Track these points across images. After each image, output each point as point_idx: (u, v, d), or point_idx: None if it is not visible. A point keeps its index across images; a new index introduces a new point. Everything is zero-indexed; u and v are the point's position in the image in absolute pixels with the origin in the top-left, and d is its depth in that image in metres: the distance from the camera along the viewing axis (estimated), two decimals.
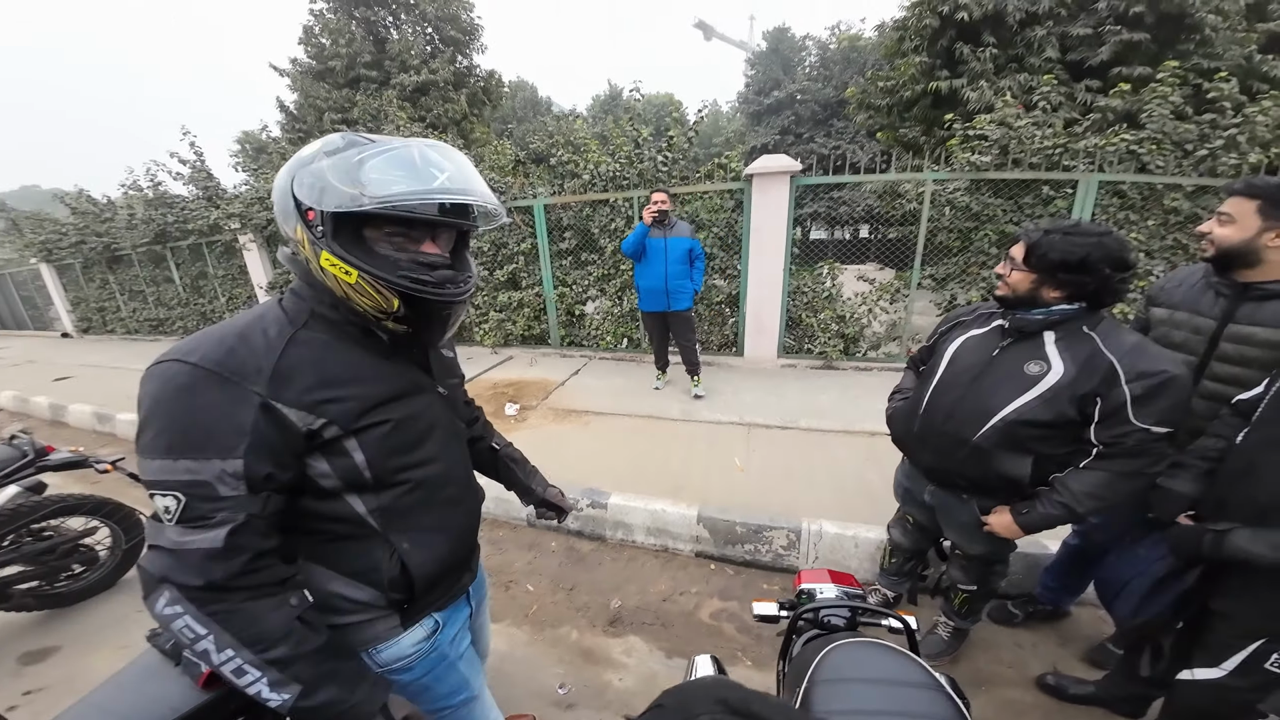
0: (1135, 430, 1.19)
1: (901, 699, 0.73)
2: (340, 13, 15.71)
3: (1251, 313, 1.27)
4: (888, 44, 10.64)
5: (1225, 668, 1.17)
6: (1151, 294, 1.52)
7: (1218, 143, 3.91)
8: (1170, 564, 1.25)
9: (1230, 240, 1.25)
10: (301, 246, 0.70)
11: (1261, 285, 1.25)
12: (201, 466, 0.61)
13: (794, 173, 4.38)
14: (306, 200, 0.66)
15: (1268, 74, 7.26)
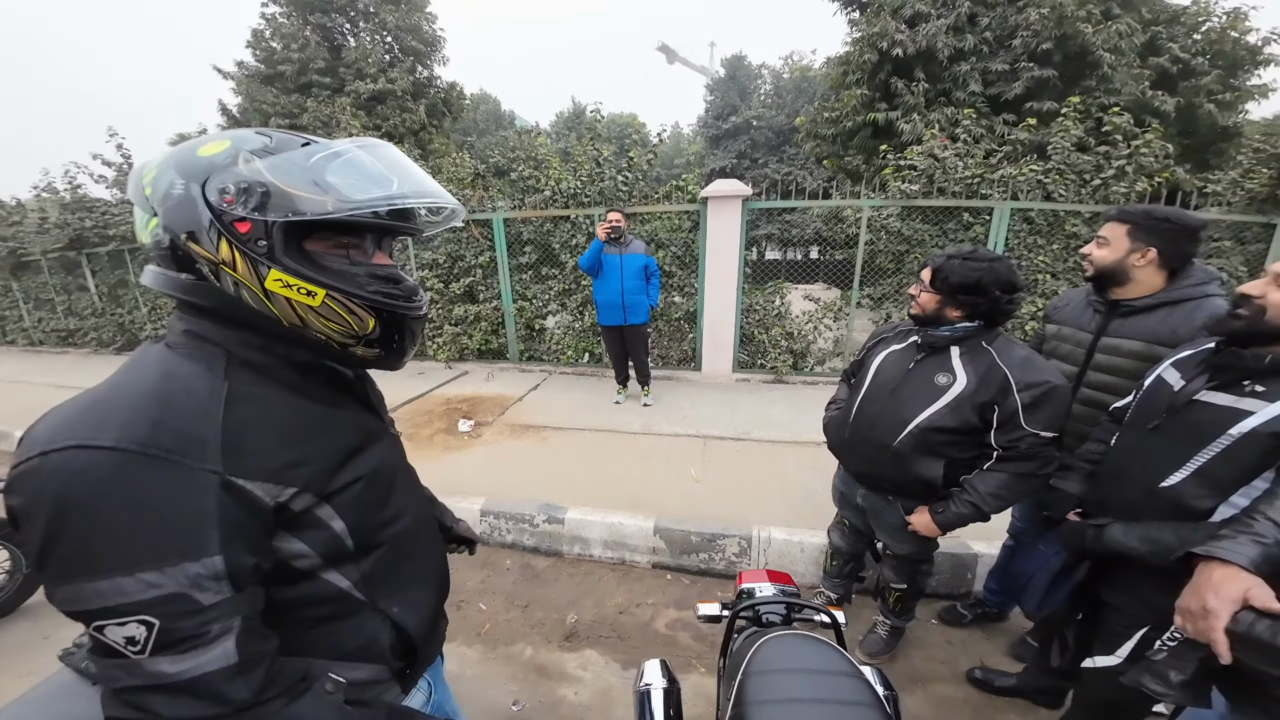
0: (1027, 435, 1.35)
1: (825, 686, 0.80)
2: (294, 18, 15.21)
3: (1119, 326, 1.46)
4: (833, 76, 11.42)
5: (1120, 655, 1.24)
6: (1048, 312, 1.73)
7: (1110, 172, 4.47)
8: (1065, 559, 1.37)
9: (1106, 261, 1.44)
10: (223, 268, 0.55)
11: (1129, 302, 1.44)
12: (166, 577, 0.47)
13: (745, 197, 4.62)
14: (238, 208, 0.54)
15: (1158, 108, 8.30)
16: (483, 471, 3.18)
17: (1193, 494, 1.08)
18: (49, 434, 0.48)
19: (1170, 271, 1.40)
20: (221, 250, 0.55)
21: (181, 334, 0.59)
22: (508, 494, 2.82)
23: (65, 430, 0.48)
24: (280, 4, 15.41)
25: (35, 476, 0.47)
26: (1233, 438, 1.02)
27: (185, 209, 0.54)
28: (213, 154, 0.56)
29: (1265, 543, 0.82)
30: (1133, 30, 8.20)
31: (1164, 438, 1.14)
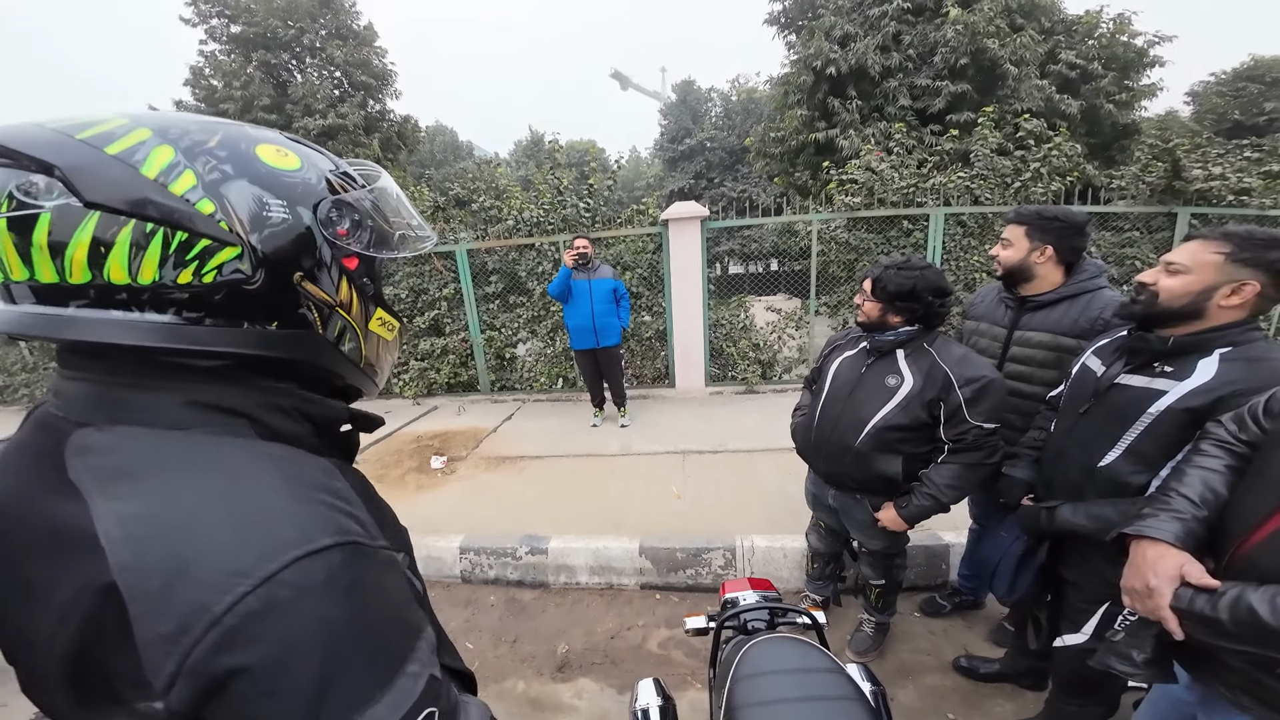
0: (972, 427, 1.46)
1: (809, 684, 0.84)
2: (235, 55, 14.91)
3: (1029, 320, 1.61)
4: (776, 97, 12.09)
5: (1085, 632, 1.30)
6: (965, 309, 1.87)
7: (1027, 175, 4.88)
8: (1027, 543, 1.45)
9: (1011, 260, 1.59)
10: (338, 311, 0.48)
11: (1035, 297, 1.59)
12: (419, 664, 0.40)
13: (703, 218, 4.80)
14: (352, 243, 0.47)
15: (1064, 111, 9.14)
16: (459, 508, 3.10)
17: (1127, 471, 1.18)
18: (232, 563, 0.34)
19: (1067, 266, 1.56)
20: (341, 291, 0.47)
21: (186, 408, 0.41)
22: (487, 528, 2.75)
23: (259, 548, 0.35)
24: (221, 41, 15.11)
25: (277, 611, 0.34)
26: (1152, 416, 1.12)
27: (299, 240, 0.43)
28: (294, 169, 0.45)
29: (1184, 518, 0.89)
30: (1036, 41, 9.09)
31: (1095, 421, 1.25)
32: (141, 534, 0.35)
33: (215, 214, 0.39)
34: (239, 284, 0.41)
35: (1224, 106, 16.45)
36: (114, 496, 0.36)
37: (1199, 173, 4.89)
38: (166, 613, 0.33)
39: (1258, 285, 1.02)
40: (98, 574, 0.34)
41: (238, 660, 0.32)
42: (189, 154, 0.39)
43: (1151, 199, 5.03)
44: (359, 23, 16.28)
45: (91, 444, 0.39)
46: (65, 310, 0.38)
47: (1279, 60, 16.37)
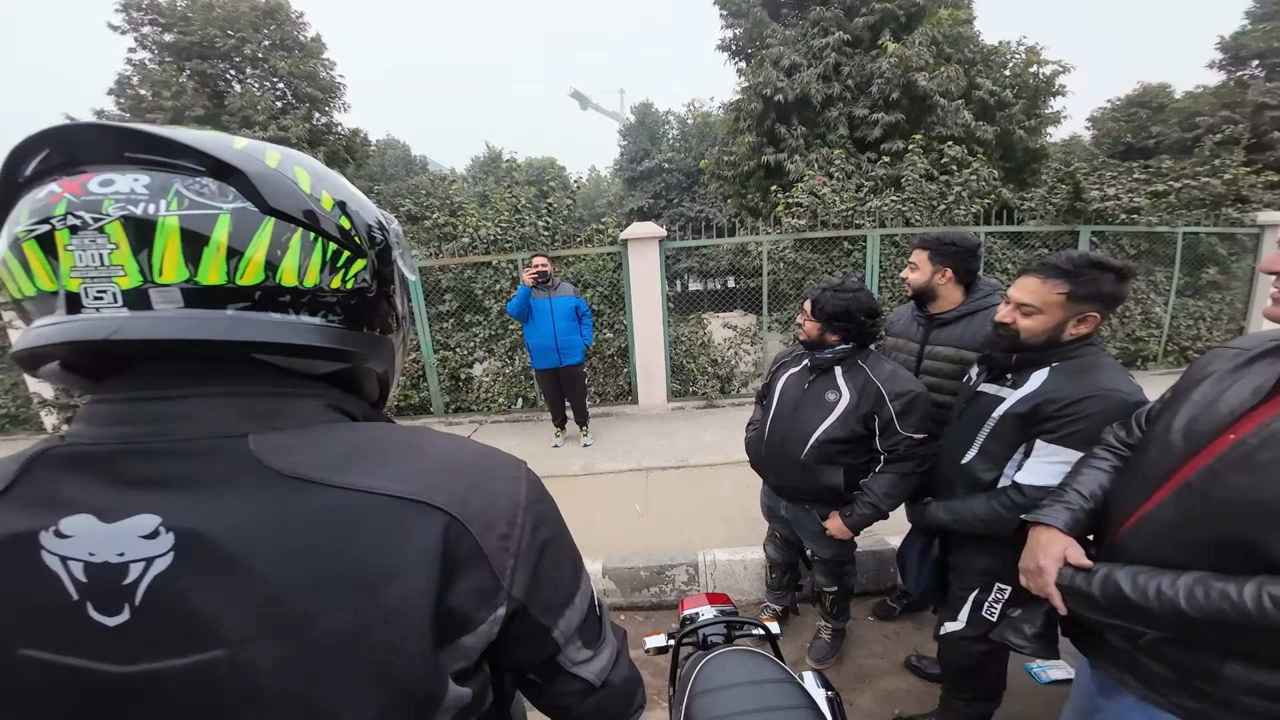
0: (903, 438, 1.56)
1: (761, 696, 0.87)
2: (168, 64, 14.07)
3: (937, 335, 1.76)
4: (728, 122, 12.60)
5: (961, 620, 1.42)
6: (885, 326, 2.01)
7: (951, 198, 5.31)
8: (926, 539, 1.57)
9: (918, 283, 1.74)
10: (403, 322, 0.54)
11: (940, 315, 1.75)
12: None
13: (661, 238, 4.91)
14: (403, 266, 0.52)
15: (981, 138, 9.99)
16: None
17: (980, 468, 1.33)
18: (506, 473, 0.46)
19: (965, 286, 1.72)
20: (402, 304, 0.54)
21: (328, 410, 0.45)
22: None
23: (508, 465, 0.47)
24: (151, 50, 14.24)
25: (541, 499, 0.48)
26: (995, 420, 1.29)
27: (388, 259, 0.49)
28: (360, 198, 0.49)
29: (1073, 509, 1.01)
30: (958, 75, 9.96)
31: (963, 422, 1.41)
32: (436, 482, 0.40)
33: (351, 229, 0.44)
34: (364, 291, 0.46)
35: (1118, 130, 18.51)
36: (371, 471, 0.39)
37: (1096, 194, 5.49)
38: (497, 518, 0.42)
39: (1098, 316, 1.19)
40: (432, 522, 0.38)
41: (545, 534, 0.45)
42: (317, 176, 0.43)
43: (1057, 219, 5.59)
44: (306, 34, 15.79)
45: (289, 444, 0.39)
46: (226, 312, 0.38)
47: (1163, 86, 18.64)
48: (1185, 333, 5.91)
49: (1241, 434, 0.77)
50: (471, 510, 0.40)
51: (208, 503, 0.35)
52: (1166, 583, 0.79)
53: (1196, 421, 0.84)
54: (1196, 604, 0.75)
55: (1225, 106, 15.43)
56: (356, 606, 0.35)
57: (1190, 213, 5.77)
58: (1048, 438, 1.20)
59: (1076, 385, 1.18)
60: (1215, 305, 5.98)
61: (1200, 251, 5.84)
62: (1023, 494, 1.23)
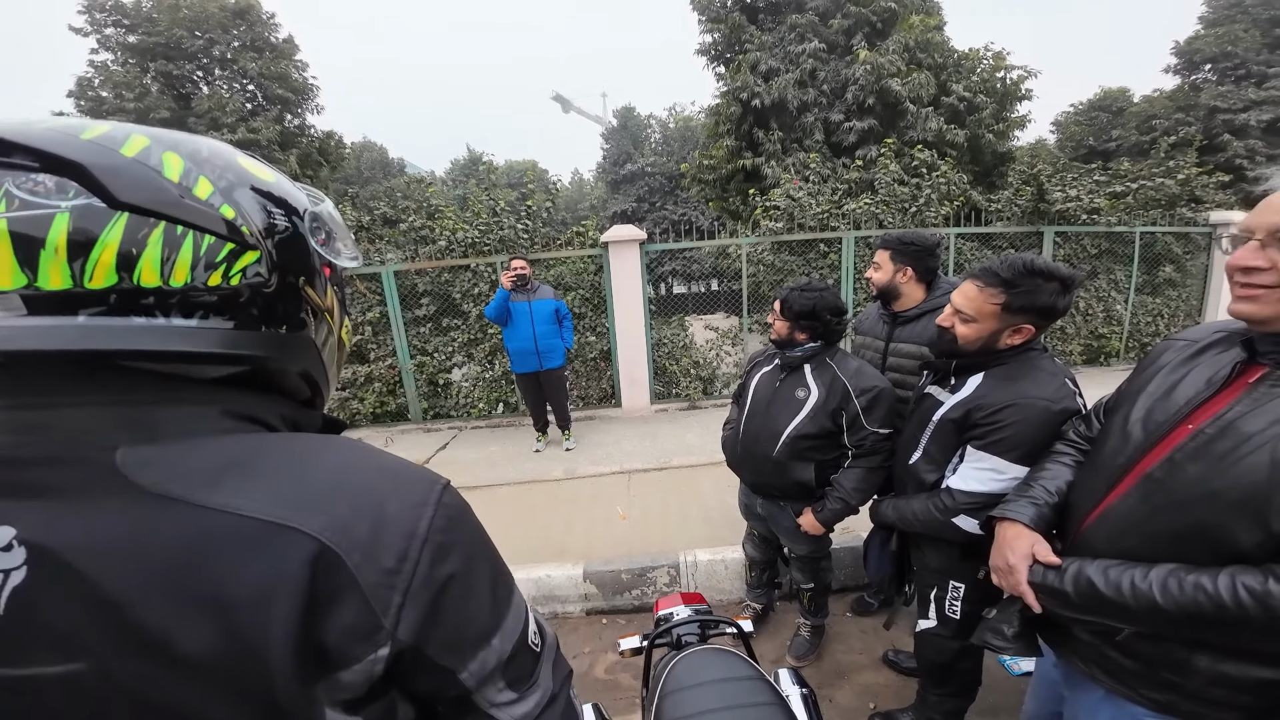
0: (870, 433, 1.60)
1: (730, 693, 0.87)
2: (131, 65, 13.60)
3: (900, 333, 1.81)
4: (708, 126, 12.70)
5: (932, 617, 1.44)
6: (854, 325, 2.06)
7: (921, 200, 5.44)
8: (884, 532, 1.60)
9: (881, 282, 1.79)
10: (326, 317, 0.49)
11: (903, 313, 1.80)
12: None
13: (642, 241, 4.92)
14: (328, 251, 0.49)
15: (952, 141, 10.26)
16: None
17: (924, 469, 1.37)
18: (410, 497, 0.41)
19: (926, 284, 1.77)
20: (329, 297, 0.50)
21: (224, 418, 0.41)
22: None
23: (418, 486, 0.42)
24: (114, 51, 13.76)
25: (455, 526, 0.42)
26: (934, 423, 1.33)
27: (298, 248, 0.45)
28: (275, 182, 0.46)
29: (1038, 504, 1.01)
30: (929, 81, 10.22)
31: (912, 423, 1.45)
32: (314, 502, 0.37)
33: (237, 219, 0.40)
34: (260, 287, 0.41)
35: (1081, 134, 19.21)
36: (240, 489, 0.36)
37: (1059, 195, 5.68)
38: (384, 550, 0.37)
39: (1032, 327, 1.20)
40: (295, 550, 0.35)
41: (447, 569, 0.40)
42: (194, 161, 0.39)
43: (1023, 220, 5.77)
44: (278, 35, 15.44)
45: (158, 457, 0.36)
46: (77, 319, 0.34)
47: (1122, 91, 19.42)
48: (1145, 329, 6.15)
49: (1199, 424, 0.78)
50: (351, 539, 0.36)
51: (65, 517, 0.33)
52: (1139, 576, 0.79)
53: (1153, 413, 0.86)
54: (1171, 597, 0.75)
55: (1180, 110, 16.16)
56: (214, 630, 0.33)
57: (1147, 213, 6.02)
58: (976, 444, 1.23)
59: (1002, 393, 1.20)
60: (1172, 302, 6.23)
61: (1157, 250, 6.10)
62: (952, 498, 1.26)
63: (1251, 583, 0.70)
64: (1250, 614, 0.69)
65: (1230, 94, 15.24)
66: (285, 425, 0.46)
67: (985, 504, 1.20)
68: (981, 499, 1.21)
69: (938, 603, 1.42)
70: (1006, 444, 1.17)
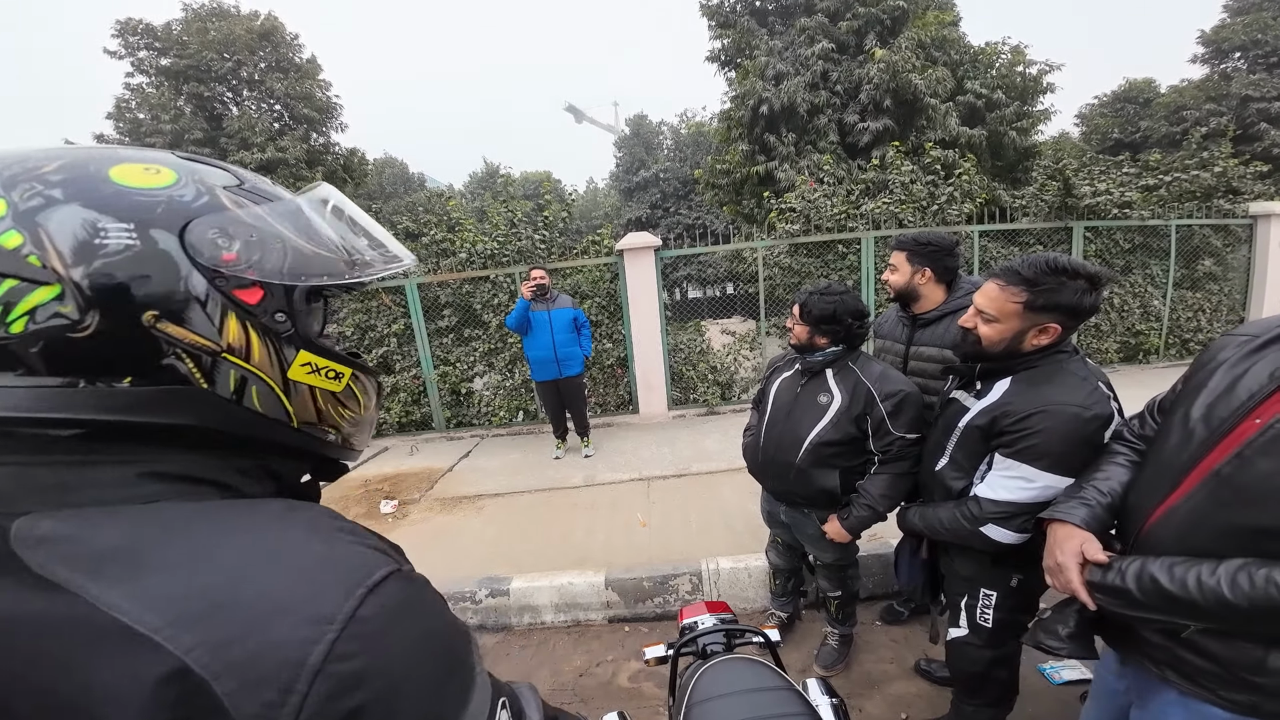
0: (896, 438, 1.56)
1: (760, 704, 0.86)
2: (165, 87, 14.26)
3: (920, 336, 1.75)
4: (720, 131, 12.71)
5: (963, 625, 1.40)
6: (874, 328, 2.00)
7: (943, 199, 5.33)
8: (915, 540, 1.56)
9: (898, 284, 1.74)
10: (226, 358, 0.39)
11: (923, 315, 1.74)
12: (479, 662, 0.41)
13: (656, 247, 4.94)
14: (244, 269, 0.39)
15: (969, 142, 10.06)
16: (412, 554, 2.90)
17: (950, 475, 1.33)
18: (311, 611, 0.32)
19: (946, 285, 1.72)
20: (230, 332, 0.38)
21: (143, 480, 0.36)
22: (443, 573, 2.63)
23: (329, 592, 0.33)
24: (149, 74, 14.45)
25: (370, 645, 0.33)
26: (960, 429, 1.29)
27: (151, 270, 0.35)
28: (162, 187, 0.37)
29: (1090, 504, 1.00)
30: (946, 77, 10.05)
31: (937, 428, 1.41)
32: (196, 609, 0.30)
33: (22, 247, 0.32)
34: (62, 331, 0.33)
35: (1106, 126, 18.66)
36: (120, 580, 0.30)
37: (1087, 189, 5.51)
38: (263, 679, 0.29)
39: (1058, 326, 1.15)
40: (150, 665, 0.29)
41: (351, 702, 0.31)
42: (5, 183, 0.33)
43: (1050, 216, 5.61)
44: (302, 55, 16.03)
45: (51, 532, 0.31)
46: None
47: (1148, 81, 18.83)
48: (1186, 325, 5.91)
49: (1267, 418, 0.76)
50: (224, 660, 0.29)
51: None
52: (1206, 572, 0.77)
53: (1215, 408, 0.83)
54: (1241, 591, 0.73)
55: (1210, 100, 15.59)
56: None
57: (1182, 205, 5.80)
58: (1004, 451, 1.19)
59: (1030, 398, 1.15)
60: (1214, 296, 5.98)
61: (1195, 244, 5.86)
62: (980, 506, 1.22)
63: None
64: None
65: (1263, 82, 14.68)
66: (251, 481, 0.40)
67: (1014, 513, 1.17)
68: (1010, 508, 1.18)
69: (969, 611, 1.38)
70: (1035, 451, 1.14)
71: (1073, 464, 1.12)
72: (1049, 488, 1.13)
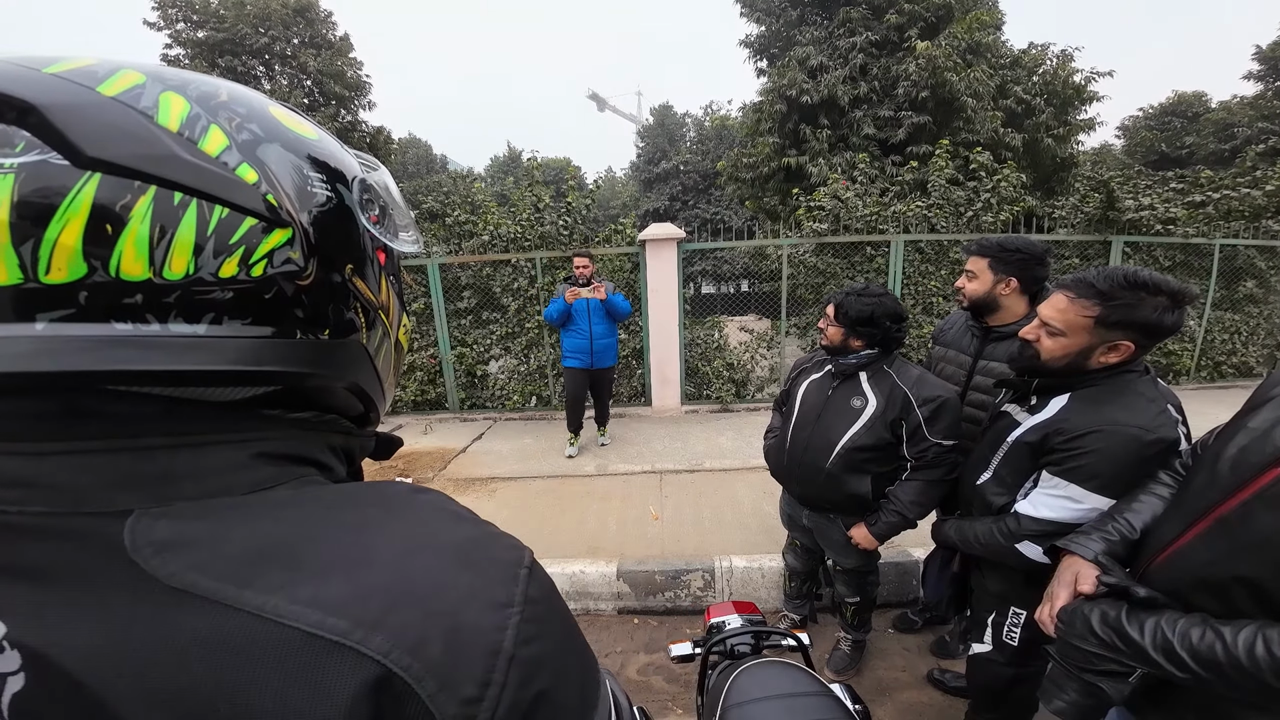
0: (931, 445, 1.52)
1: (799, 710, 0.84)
2: (199, 59, 14.47)
3: (992, 350, 1.66)
4: (748, 124, 12.52)
5: (987, 642, 1.36)
6: (934, 334, 1.93)
7: (979, 204, 5.18)
8: (947, 552, 1.52)
9: (977, 293, 1.62)
10: (381, 316, 0.39)
11: (998, 328, 1.64)
12: None
13: (680, 239, 4.89)
14: (381, 231, 0.38)
15: (1009, 144, 9.76)
16: None
17: (992, 490, 1.28)
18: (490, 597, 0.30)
19: (1031, 296, 1.60)
20: (382, 291, 0.38)
21: (256, 463, 0.32)
22: None
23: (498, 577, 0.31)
24: (186, 48, 14.66)
25: (543, 627, 0.31)
26: (1008, 444, 1.24)
27: (344, 226, 0.35)
28: (317, 139, 0.35)
29: (1110, 539, 0.95)
30: (990, 75, 9.75)
31: (984, 441, 1.36)
32: (375, 610, 0.27)
33: (260, 184, 0.29)
34: (293, 278, 0.31)
35: (1152, 139, 18.02)
36: (281, 586, 0.26)
37: (1130, 203, 5.32)
38: (463, 674, 0.27)
39: (1131, 345, 1.07)
40: (347, 676, 0.25)
41: (536, 687, 0.29)
42: (205, 106, 0.29)
43: (1089, 228, 5.44)
44: (335, 33, 16.13)
45: (175, 536, 0.27)
46: (34, 328, 0.25)
47: (1198, 95, 18.13)
48: (1220, 347, 5.71)
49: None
50: (424, 661, 0.27)
51: (62, 613, 0.25)
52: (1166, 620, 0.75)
53: (1247, 452, 0.76)
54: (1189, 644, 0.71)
55: (1263, 118, 14.95)
56: None
57: (1228, 224, 5.58)
58: (1053, 469, 1.14)
59: (1088, 417, 1.10)
60: (1252, 319, 5.77)
61: (1238, 264, 5.65)
62: (1019, 523, 1.18)
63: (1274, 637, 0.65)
64: (1262, 674, 0.65)
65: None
66: (337, 459, 0.37)
67: (1054, 532, 1.13)
68: (1050, 527, 1.13)
69: (995, 628, 1.35)
70: (1086, 471, 1.09)
71: (1127, 488, 1.06)
72: (1095, 510, 1.08)
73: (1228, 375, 5.75)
